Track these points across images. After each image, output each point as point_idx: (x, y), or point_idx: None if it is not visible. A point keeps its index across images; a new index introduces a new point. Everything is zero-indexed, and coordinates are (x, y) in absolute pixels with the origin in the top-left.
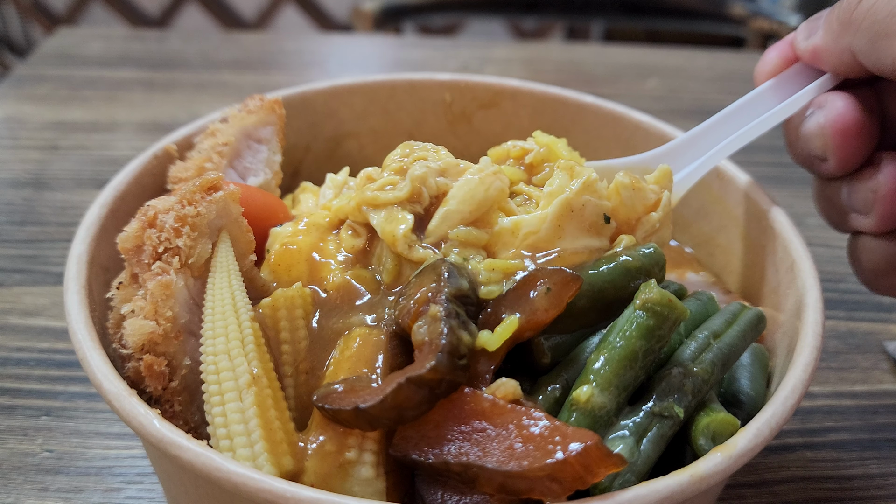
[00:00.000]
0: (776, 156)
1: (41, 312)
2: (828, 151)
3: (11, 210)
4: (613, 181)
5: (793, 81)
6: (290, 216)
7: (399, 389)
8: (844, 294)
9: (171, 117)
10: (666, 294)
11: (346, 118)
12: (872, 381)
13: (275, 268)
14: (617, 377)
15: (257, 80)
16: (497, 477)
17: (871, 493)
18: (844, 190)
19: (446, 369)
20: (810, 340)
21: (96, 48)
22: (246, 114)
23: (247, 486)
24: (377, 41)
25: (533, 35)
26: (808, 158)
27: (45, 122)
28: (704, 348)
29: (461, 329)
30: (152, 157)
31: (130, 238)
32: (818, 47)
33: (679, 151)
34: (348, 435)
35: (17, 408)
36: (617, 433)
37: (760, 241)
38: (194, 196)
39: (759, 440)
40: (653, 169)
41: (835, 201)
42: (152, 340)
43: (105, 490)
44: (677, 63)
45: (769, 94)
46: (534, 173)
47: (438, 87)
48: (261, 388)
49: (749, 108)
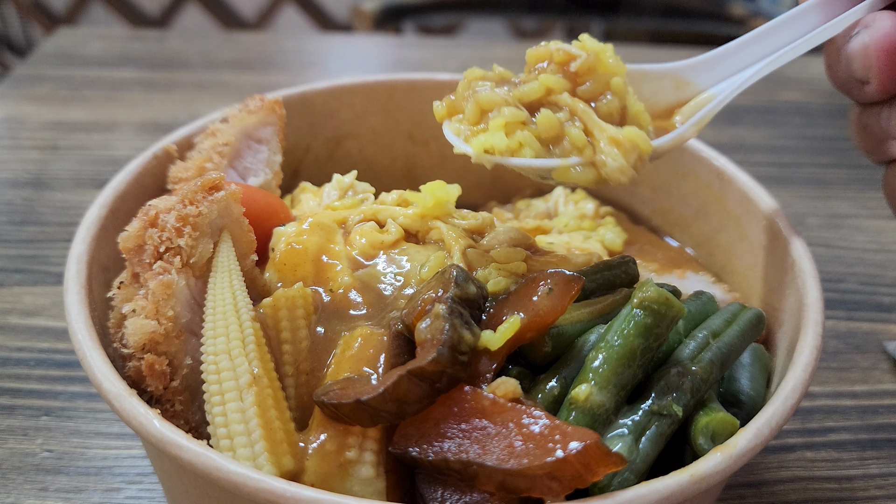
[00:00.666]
0: (776, 156)
1: (41, 312)
2: (870, 73)
3: (11, 210)
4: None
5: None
6: (291, 216)
7: (399, 382)
8: (844, 294)
9: (171, 117)
10: (663, 292)
11: (346, 118)
12: (872, 381)
13: (280, 267)
14: (615, 376)
15: (257, 80)
16: (497, 475)
17: (871, 493)
18: (884, 115)
19: (447, 362)
20: (810, 340)
21: (96, 48)
22: (246, 114)
23: (247, 486)
24: (377, 41)
25: (533, 35)
26: (848, 81)
27: (45, 122)
28: (703, 348)
29: (464, 328)
30: (152, 157)
31: (132, 237)
32: None
33: (720, 61)
34: (348, 434)
35: (17, 408)
36: (616, 432)
37: (760, 241)
38: (196, 196)
39: (759, 440)
40: (689, 79)
41: (873, 128)
42: (153, 340)
43: (105, 490)
44: None
45: (815, 11)
46: (578, 83)
47: (438, 87)
48: (261, 387)
49: (793, 25)
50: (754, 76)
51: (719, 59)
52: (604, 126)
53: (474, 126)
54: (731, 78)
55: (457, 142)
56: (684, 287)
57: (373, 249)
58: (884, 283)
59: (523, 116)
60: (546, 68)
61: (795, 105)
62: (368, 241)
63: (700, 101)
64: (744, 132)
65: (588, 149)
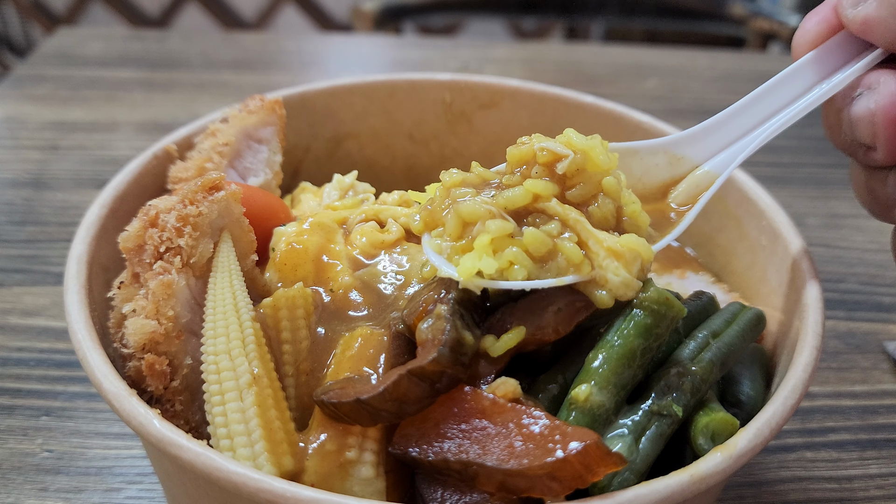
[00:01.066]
0: (776, 156)
1: (41, 312)
2: (877, 140)
3: (11, 210)
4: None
5: (836, 54)
6: (292, 216)
7: (400, 381)
8: (844, 294)
9: (171, 117)
10: (663, 292)
11: (346, 118)
12: (872, 381)
13: (280, 267)
14: (615, 376)
15: (257, 80)
16: (497, 475)
17: (871, 494)
18: (892, 180)
19: (448, 362)
20: (810, 340)
21: (96, 48)
22: (246, 114)
23: (247, 486)
24: (377, 41)
25: (533, 35)
26: (851, 145)
27: (45, 122)
28: (703, 347)
29: (465, 329)
30: (152, 157)
31: (132, 237)
32: (870, 18)
33: (714, 132)
34: (348, 434)
35: (17, 408)
36: (616, 432)
37: (760, 241)
38: (196, 196)
39: (759, 440)
40: (682, 154)
41: (878, 193)
42: (154, 340)
43: (105, 490)
44: (677, 63)
45: (810, 69)
46: (568, 186)
47: (438, 87)
48: (261, 387)
49: (788, 85)
50: (751, 149)
51: (713, 129)
52: (600, 237)
53: (457, 242)
54: (727, 150)
55: (440, 263)
56: (684, 287)
57: (373, 249)
58: (884, 283)
59: (510, 228)
60: (530, 171)
61: None
62: (369, 241)
63: (695, 179)
64: None
65: (585, 264)
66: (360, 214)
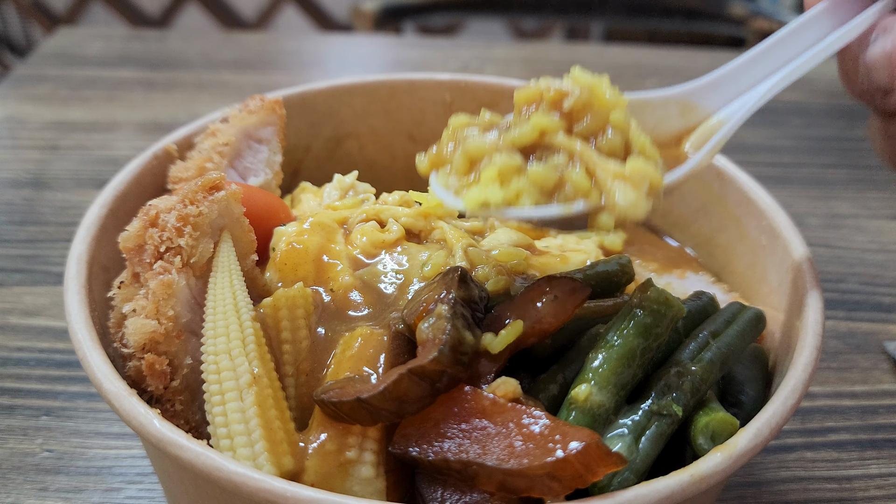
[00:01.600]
0: (776, 156)
1: (41, 312)
2: (895, 81)
3: (11, 210)
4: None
5: (850, 2)
6: (292, 216)
7: (400, 381)
8: (844, 294)
9: (171, 117)
10: (663, 292)
11: (346, 118)
12: (872, 381)
13: (281, 267)
14: (615, 375)
15: (257, 80)
16: (497, 475)
17: (871, 494)
18: None
19: (448, 362)
20: (810, 340)
21: (96, 48)
22: (246, 114)
23: (247, 486)
24: (377, 41)
25: (533, 35)
26: (868, 91)
27: (45, 122)
28: (703, 347)
29: (465, 329)
30: (152, 157)
31: (132, 237)
32: None
33: (727, 80)
34: (348, 434)
35: (17, 408)
36: (616, 431)
37: (760, 241)
38: (196, 195)
39: (759, 440)
40: (695, 103)
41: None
42: (154, 339)
43: (105, 490)
44: (677, 63)
45: (824, 18)
46: (574, 121)
47: (438, 87)
48: (261, 387)
49: (801, 35)
50: (766, 95)
51: (726, 78)
52: (607, 165)
53: (464, 177)
54: (740, 98)
55: (446, 197)
56: (684, 287)
57: (374, 248)
58: (884, 283)
59: (517, 163)
60: (537, 110)
61: (795, 105)
62: (370, 240)
63: (710, 127)
64: (744, 132)
65: (594, 192)
66: (361, 214)
